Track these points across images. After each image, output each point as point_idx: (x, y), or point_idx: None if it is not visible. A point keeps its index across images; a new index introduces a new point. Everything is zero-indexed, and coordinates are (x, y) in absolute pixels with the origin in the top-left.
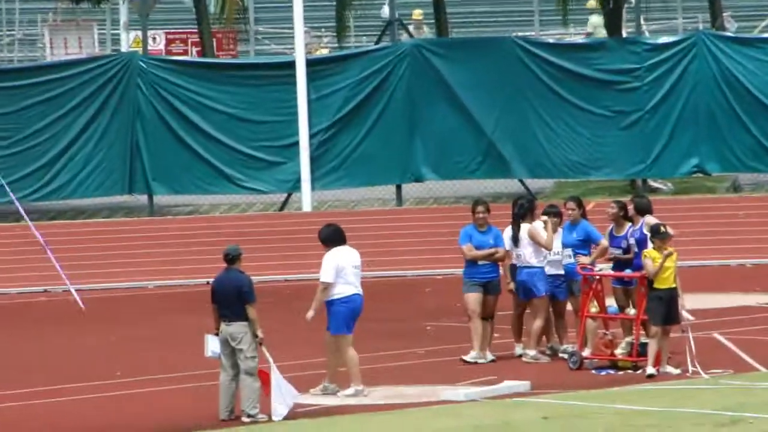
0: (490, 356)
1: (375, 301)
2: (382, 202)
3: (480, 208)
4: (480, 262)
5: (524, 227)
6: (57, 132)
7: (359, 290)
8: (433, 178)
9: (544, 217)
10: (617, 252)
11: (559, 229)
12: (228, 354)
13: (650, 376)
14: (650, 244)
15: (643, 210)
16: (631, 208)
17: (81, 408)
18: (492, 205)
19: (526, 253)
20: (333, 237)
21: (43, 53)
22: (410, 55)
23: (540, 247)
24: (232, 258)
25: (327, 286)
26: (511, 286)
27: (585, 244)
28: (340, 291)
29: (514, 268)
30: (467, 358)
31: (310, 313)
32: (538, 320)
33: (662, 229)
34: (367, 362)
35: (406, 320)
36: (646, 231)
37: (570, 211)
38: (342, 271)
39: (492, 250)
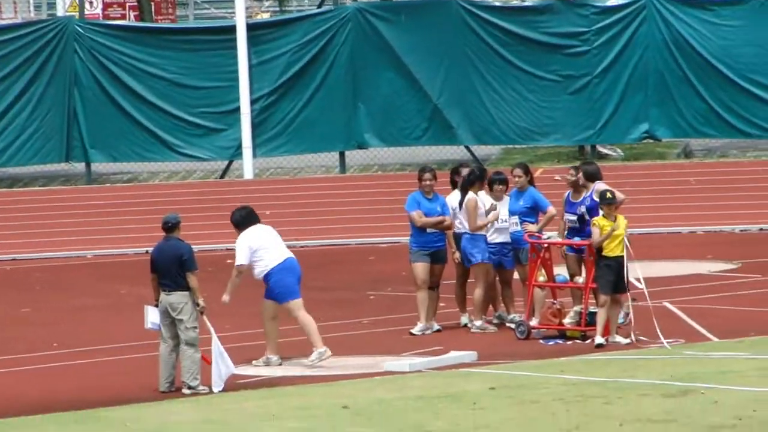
0: (436, 326)
1: (318, 270)
2: (326, 170)
3: (427, 175)
4: (428, 231)
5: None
6: None
7: (291, 254)
8: (377, 145)
9: (489, 216)
10: (573, 218)
11: (506, 197)
12: (168, 324)
13: (599, 346)
14: (601, 212)
15: (593, 177)
16: (580, 176)
17: (16, 381)
18: (438, 172)
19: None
20: (247, 219)
21: None
22: (353, 19)
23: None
24: (171, 226)
25: (242, 270)
26: (457, 255)
27: (532, 211)
28: (272, 260)
29: (458, 236)
30: (414, 331)
31: (225, 297)
32: (478, 288)
33: (609, 195)
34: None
35: (349, 289)
36: (595, 198)
37: (517, 178)
38: (262, 247)
39: (441, 218)
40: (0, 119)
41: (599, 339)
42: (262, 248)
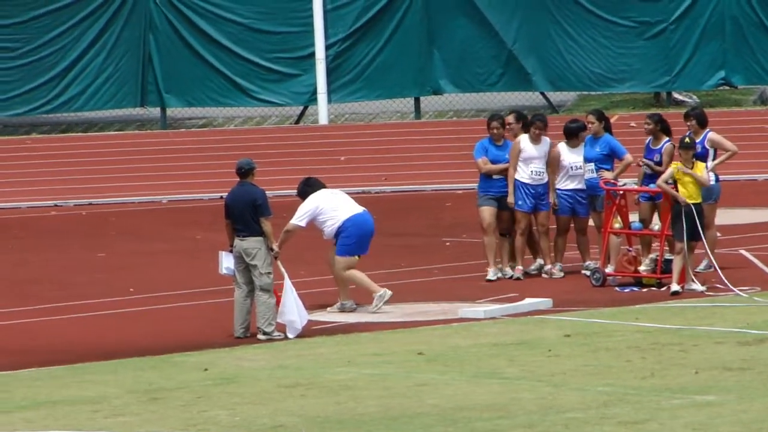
0: (509, 272)
1: (393, 217)
2: (401, 116)
3: (495, 123)
4: (495, 177)
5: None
6: (67, 43)
7: (362, 210)
8: (452, 90)
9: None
10: (650, 164)
11: (581, 143)
12: (242, 270)
13: (675, 293)
14: (709, 160)
15: (705, 123)
16: (693, 123)
17: (93, 325)
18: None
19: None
20: (309, 187)
21: None
22: None
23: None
24: (245, 171)
25: (291, 229)
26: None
27: (608, 158)
28: (343, 215)
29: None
30: (489, 277)
31: (275, 247)
32: (517, 236)
33: (687, 140)
34: (387, 278)
35: (425, 236)
36: (708, 146)
37: (590, 125)
38: (330, 208)
39: (507, 165)
40: (75, 64)
41: (675, 287)
42: (330, 209)
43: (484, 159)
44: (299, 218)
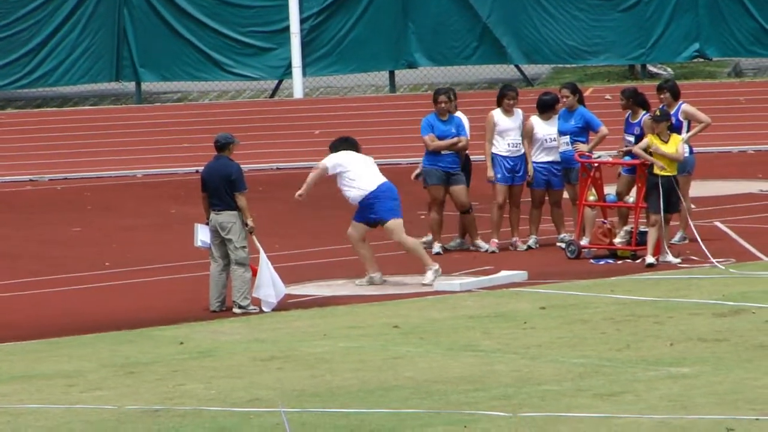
0: (484, 246)
1: None
2: (375, 89)
3: (442, 98)
4: (443, 152)
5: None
6: (41, 18)
7: (385, 179)
8: (426, 64)
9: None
10: (630, 138)
11: (554, 115)
12: (218, 244)
13: (650, 266)
14: (684, 132)
15: (678, 94)
16: (666, 96)
17: (69, 300)
18: (487, 92)
19: None
20: (339, 145)
21: None
22: None
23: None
24: (221, 145)
25: (319, 171)
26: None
27: (583, 131)
28: (369, 185)
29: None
30: (435, 250)
31: (301, 192)
32: (494, 209)
33: (658, 112)
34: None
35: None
36: (681, 118)
37: (564, 98)
38: (353, 170)
39: (455, 140)
40: (50, 39)
41: (650, 258)
42: (353, 171)
43: (431, 136)
44: (325, 161)
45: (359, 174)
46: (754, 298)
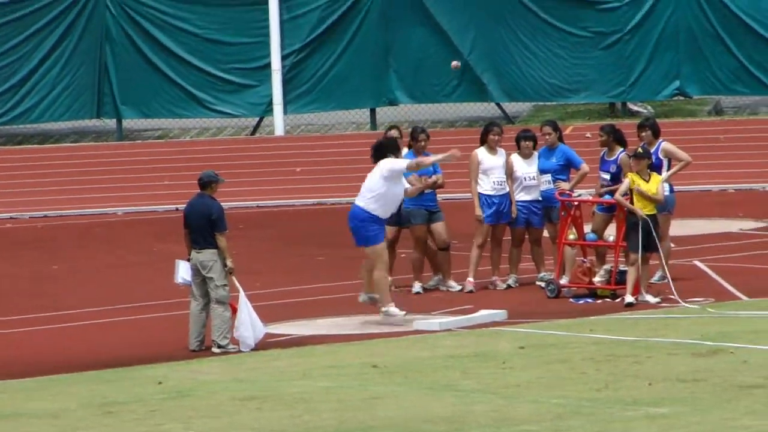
0: (457, 286)
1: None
2: (356, 126)
3: (422, 136)
4: (425, 191)
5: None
6: (23, 54)
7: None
8: (407, 101)
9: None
10: (606, 176)
11: (535, 153)
12: (198, 283)
13: (629, 305)
14: (664, 170)
15: (659, 133)
16: (648, 134)
17: (47, 339)
18: (468, 130)
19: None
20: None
21: None
22: None
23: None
24: (204, 183)
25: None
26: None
27: (565, 168)
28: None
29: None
30: (415, 290)
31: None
32: (473, 248)
33: (640, 150)
34: (344, 290)
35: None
36: (662, 156)
37: (546, 136)
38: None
39: (434, 178)
40: (31, 75)
41: (629, 298)
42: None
43: (415, 176)
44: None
45: None
46: (733, 338)
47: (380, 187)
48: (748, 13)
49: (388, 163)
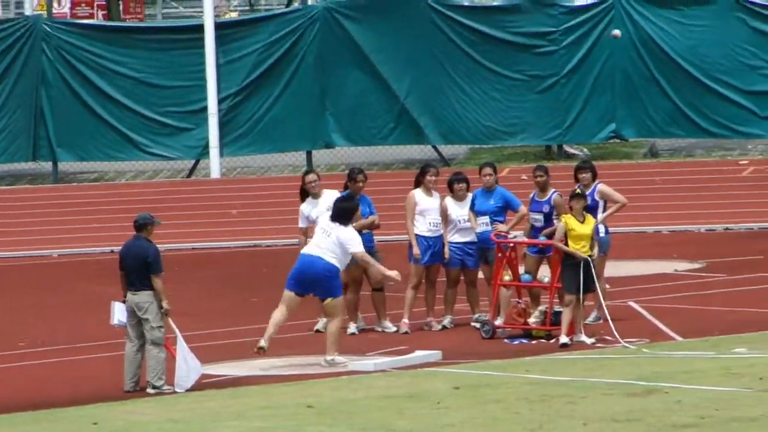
0: (392, 327)
1: (287, 269)
2: (293, 169)
3: (361, 176)
4: (363, 232)
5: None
6: None
7: (319, 256)
8: (344, 144)
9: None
10: (538, 217)
11: (468, 195)
12: (134, 324)
13: (564, 346)
14: (600, 212)
15: (595, 175)
16: (587, 175)
17: None
18: (405, 172)
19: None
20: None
21: None
22: (321, 18)
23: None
24: (140, 225)
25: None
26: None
27: (502, 210)
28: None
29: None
30: (350, 331)
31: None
32: (408, 289)
33: (578, 191)
34: (279, 332)
35: None
36: (597, 198)
37: (487, 177)
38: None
39: (371, 219)
40: None
41: (564, 338)
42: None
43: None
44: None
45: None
46: (667, 378)
47: (341, 254)
48: (684, 57)
49: (351, 241)
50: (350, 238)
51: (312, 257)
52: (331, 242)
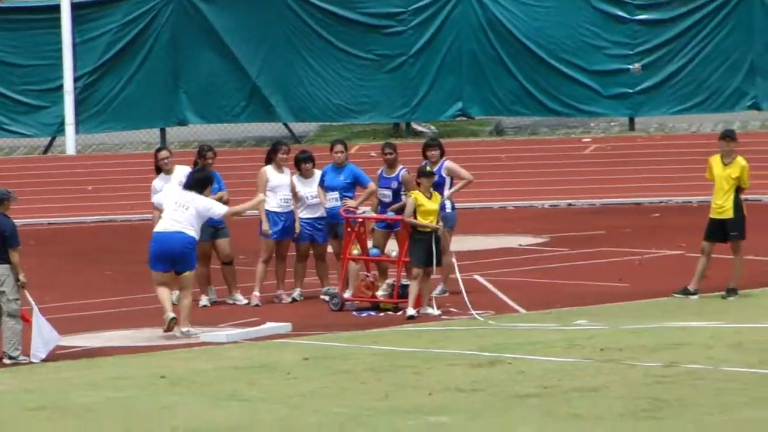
0: (243, 299)
1: (142, 244)
2: (147, 146)
3: (209, 154)
4: None
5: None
6: None
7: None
8: (197, 121)
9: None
10: (386, 193)
11: (316, 173)
12: None
13: (410, 318)
14: (446, 188)
15: (443, 151)
16: (436, 152)
17: None
18: (256, 149)
19: None
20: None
21: None
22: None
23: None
24: None
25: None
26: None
27: (351, 186)
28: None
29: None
30: (202, 303)
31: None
32: (259, 263)
33: (428, 168)
34: (132, 304)
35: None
36: (444, 174)
37: (339, 154)
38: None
39: (219, 194)
40: None
41: (410, 311)
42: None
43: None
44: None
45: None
46: (510, 349)
47: (198, 226)
48: (529, 38)
49: (212, 207)
50: (210, 206)
51: (171, 233)
52: (190, 215)
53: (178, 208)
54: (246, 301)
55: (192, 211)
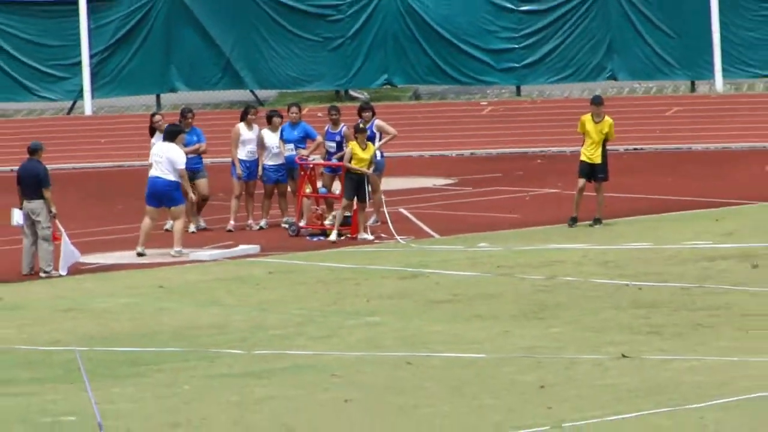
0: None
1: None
2: (146, 108)
3: (189, 114)
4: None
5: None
6: None
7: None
8: (184, 89)
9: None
10: (332, 144)
11: (280, 126)
12: (29, 225)
13: (333, 242)
14: (377, 141)
15: (373, 112)
16: (369, 114)
17: None
18: (230, 111)
19: None
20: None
21: None
22: None
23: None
24: (32, 150)
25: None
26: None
27: (304, 139)
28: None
29: None
30: (190, 229)
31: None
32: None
33: (362, 125)
34: (138, 231)
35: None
36: (375, 130)
37: (294, 114)
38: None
39: (197, 146)
40: None
41: (333, 236)
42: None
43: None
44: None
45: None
46: (429, 266)
47: (173, 171)
48: (439, 23)
49: (177, 160)
50: (176, 158)
51: (154, 178)
52: (166, 162)
53: (158, 159)
54: (204, 225)
55: (165, 160)
